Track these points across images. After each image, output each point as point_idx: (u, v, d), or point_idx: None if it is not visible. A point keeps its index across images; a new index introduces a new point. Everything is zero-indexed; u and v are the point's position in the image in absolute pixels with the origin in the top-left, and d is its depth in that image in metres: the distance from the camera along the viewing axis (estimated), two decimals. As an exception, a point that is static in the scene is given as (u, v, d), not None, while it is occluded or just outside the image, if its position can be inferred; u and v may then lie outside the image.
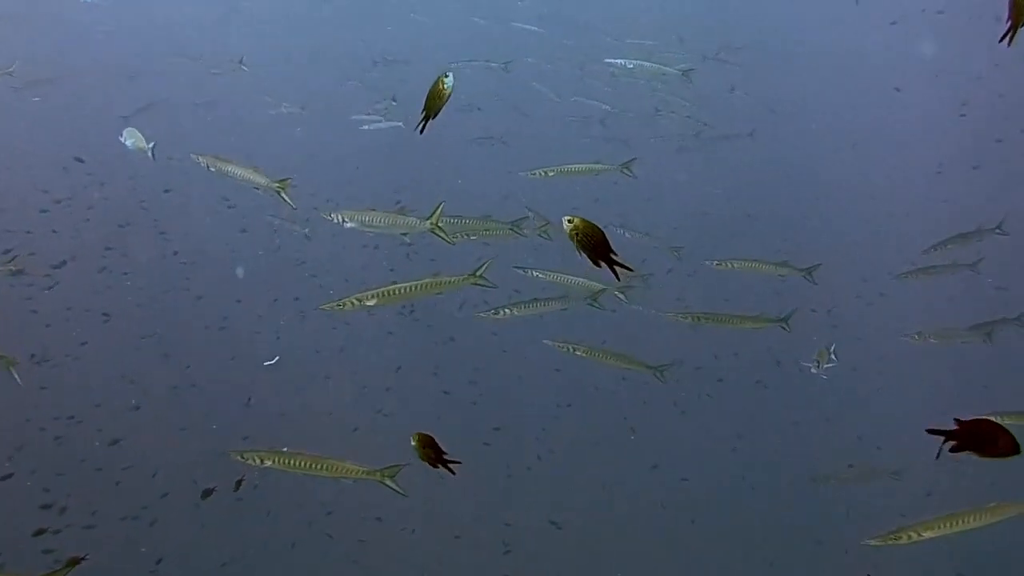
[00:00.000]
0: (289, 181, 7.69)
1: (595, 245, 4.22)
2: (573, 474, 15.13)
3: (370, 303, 6.40)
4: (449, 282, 6.68)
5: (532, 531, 13.99)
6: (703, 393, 16.72)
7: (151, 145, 9.58)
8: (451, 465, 5.41)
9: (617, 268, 4.26)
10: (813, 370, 8.59)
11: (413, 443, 5.32)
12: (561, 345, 9.06)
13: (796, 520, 14.84)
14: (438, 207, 7.00)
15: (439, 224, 6.98)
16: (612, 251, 4.24)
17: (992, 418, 8.83)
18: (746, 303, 14.56)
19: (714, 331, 9.55)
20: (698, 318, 8.90)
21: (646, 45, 19.23)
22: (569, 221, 4.23)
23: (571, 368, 14.47)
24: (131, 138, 9.57)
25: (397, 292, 6.48)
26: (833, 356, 8.50)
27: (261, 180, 7.72)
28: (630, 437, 15.73)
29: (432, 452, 5.34)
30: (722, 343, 16.06)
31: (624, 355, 9.29)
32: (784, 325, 9.28)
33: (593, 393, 15.98)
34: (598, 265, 4.27)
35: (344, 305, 6.38)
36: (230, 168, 7.76)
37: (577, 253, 4.31)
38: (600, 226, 4.26)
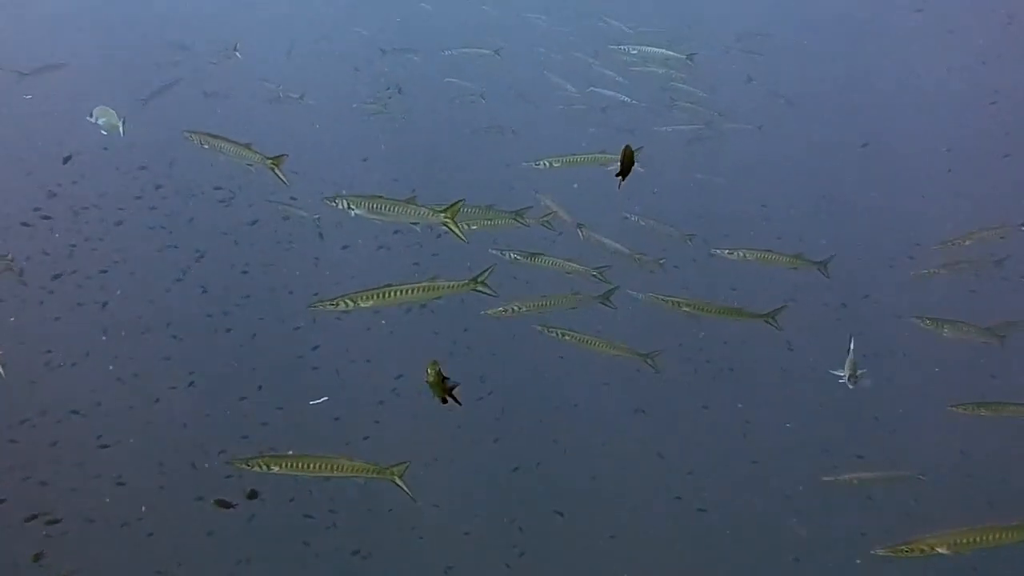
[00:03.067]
0: (284, 158, 7.53)
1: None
2: (581, 468, 15.03)
3: (365, 304, 6.20)
4: (448, 287, 6.47)
5: (540, 525, 13.89)
6: (712, 382, 16.62)
7: (122, 120, 9.37)
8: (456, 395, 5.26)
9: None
10: (850, 384, 8.03)
11: (429, 375, 5.10)
12: (550, 330, 8.87)
13: (807, 513, 14.73)
14: (456, 203, 6.71)
15: (454, 220, 6.70)
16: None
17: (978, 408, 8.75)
18: (753, 294, 14.48)
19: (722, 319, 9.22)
20: (678, 304, 8.51)
21: (660, 33, 19.03)
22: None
23: (578, 359, 14.31)
24: (102, 116, 9.28)
25: (394, 294, 6.27)
26: (850, 349, 8.03)
27: (254, 157, 7.57)
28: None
29: (443, 384, 5.18)
30: (730, 331, 15.91)
31: (614, 342, 9.07)
32: (771, 321, 8.69)
33: (601, 388, 15.84)
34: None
35: (338, 304, 6.19)
36: (223, 145, 7.59)
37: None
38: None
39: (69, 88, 17.87)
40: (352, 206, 6.69)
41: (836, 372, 8.10)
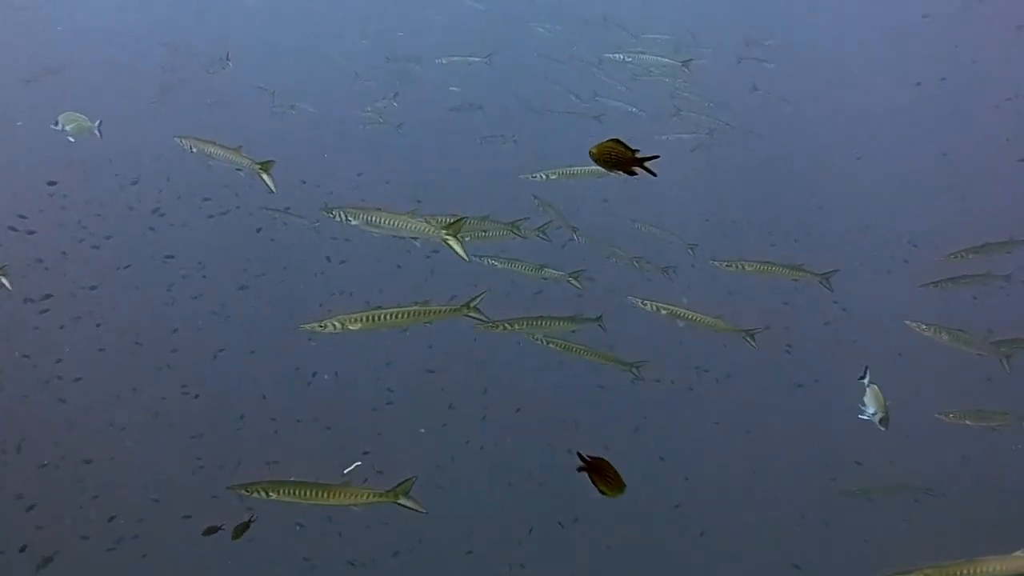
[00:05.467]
0: (272, 163, 7.53)
1: (617, 160, 4.43)
2: (581, 478, 14.91)
3: (353, 327, 6.11)
4: (439, 311, 6.32)
5: (540, 536, 13.83)
6: (711, 388, 16.54)
7: (97, 123, 9.27)
8: None
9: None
10: (882, 426, 7.44)
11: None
12: (535, 337, 8.73)
13: (808, 519, 14.71)
14: (458, 220, 6.51)
15: (456, 237, 6.47)
16: (633, 151, 4.42)
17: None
18: (752, 298, 14.46)
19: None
20: (658, 308, 8.46)
21: (666, 40, 19.04)
22: (590, 154, 4.45)
23: (579, 368, 14.26)
24: (69, 123, 9.12)
25: (383, 318, 6.15)
26: (865, 378, 7.64)
27: (243, 161, 7.59)
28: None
29: None
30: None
31: (599, 350, 8.98)
32: (749, 339, 8.69)
33: (601, 397, 15.76)
34: (633, 173, 4.50)
35: (326, 326, 6.10)
36: (212, 149, 7.64)
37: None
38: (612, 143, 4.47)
39: (69, 94, 17.82)
40: (350, 218, 6.55)
41: (863, 410, 7.56)
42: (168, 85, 18.94)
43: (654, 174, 7.07)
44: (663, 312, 8.46)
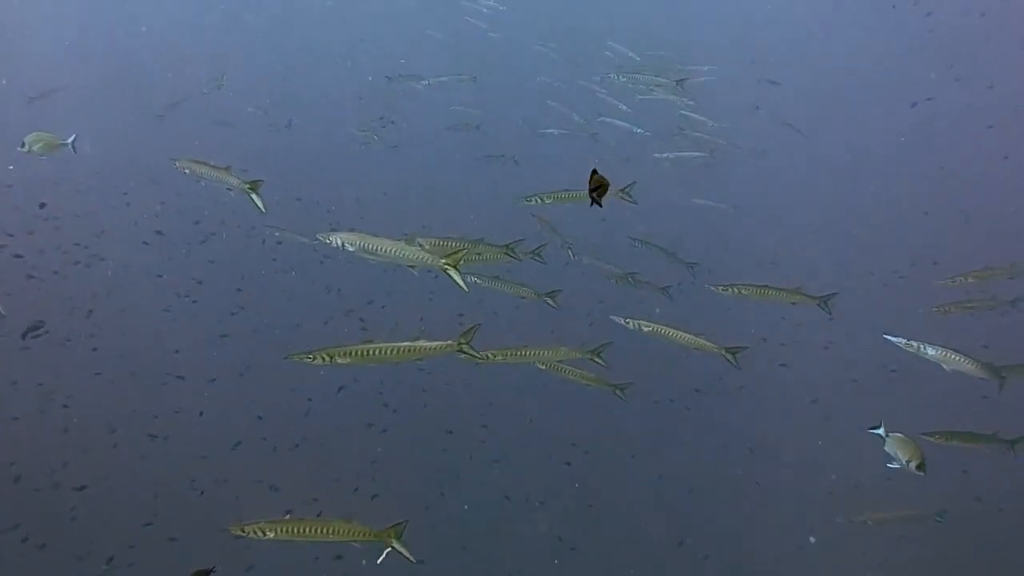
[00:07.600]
0: (261, 183, 7.66)
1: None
2: (580, 497, 14.94)
3: (342, 361, 6.01)
4: (430, 348, 6.19)
5: (541, 559, 13.79)
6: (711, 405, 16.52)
7: (71, 139, 9.29)
8: None
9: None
10: (919, 472, 6.95)
11: None
12: None
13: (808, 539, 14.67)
14: (459, 249, 6.49)
15: (456, 267, 6.38)
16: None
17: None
18: (746, 311, 14.41)
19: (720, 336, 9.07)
20: (640, 326, 8.42)
21: (666, 59, 19.13)
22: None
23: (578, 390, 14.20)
24: (36, 143, 9.00)
25: (373, 353, 6.07)
26: (879, 429, 7.50)
27: (232, 181, 7.75)
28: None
29: None
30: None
31: (585, 372, 8.96)
32: (730, 358, 8.53)
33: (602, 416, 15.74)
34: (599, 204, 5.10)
35: (315, 359, 6.01)
36: (203, 170, 7.79)
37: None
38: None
39: (70, 113, 17.89)
40: (347, 245, 6.48)
41: (893, 461, 7.30)
42: (168, 104, 18.97)
43: (634, 202, 7.34)
44: (645, 330, 8.42)
